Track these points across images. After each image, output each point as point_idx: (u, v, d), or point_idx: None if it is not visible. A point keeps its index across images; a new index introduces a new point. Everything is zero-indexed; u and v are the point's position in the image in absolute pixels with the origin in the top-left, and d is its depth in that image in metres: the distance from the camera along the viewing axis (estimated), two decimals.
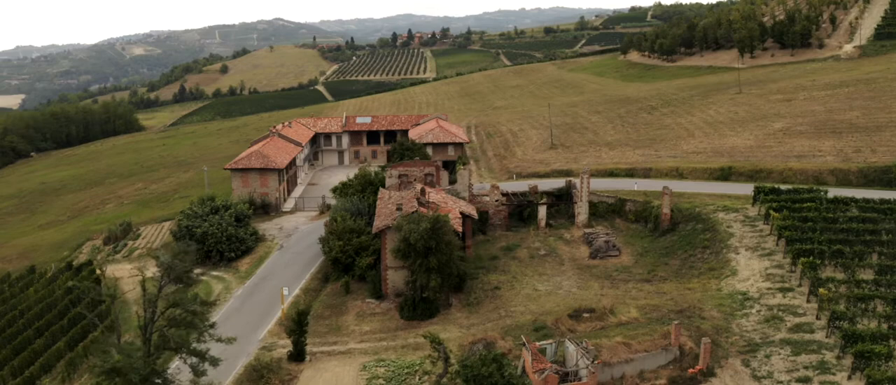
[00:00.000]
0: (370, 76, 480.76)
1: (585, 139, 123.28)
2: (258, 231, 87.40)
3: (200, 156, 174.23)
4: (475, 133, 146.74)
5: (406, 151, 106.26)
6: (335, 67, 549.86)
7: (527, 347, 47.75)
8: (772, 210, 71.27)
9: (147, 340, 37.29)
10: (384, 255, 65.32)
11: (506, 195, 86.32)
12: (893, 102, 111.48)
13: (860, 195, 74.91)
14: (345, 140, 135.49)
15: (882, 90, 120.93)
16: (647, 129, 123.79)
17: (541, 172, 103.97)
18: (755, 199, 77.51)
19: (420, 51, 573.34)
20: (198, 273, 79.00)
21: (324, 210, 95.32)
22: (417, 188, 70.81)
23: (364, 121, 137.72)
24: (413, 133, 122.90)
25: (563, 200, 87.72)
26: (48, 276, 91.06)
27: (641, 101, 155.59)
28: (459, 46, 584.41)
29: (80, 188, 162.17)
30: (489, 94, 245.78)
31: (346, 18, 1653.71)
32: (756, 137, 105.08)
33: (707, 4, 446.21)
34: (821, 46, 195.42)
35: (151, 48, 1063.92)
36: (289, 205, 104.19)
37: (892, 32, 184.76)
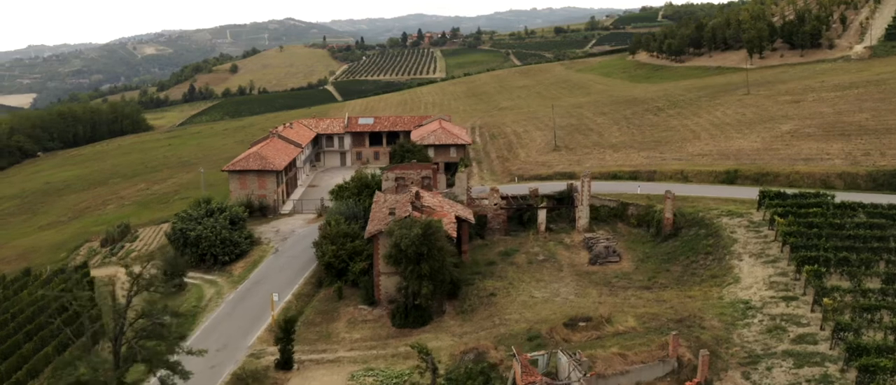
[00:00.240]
0: (380, 76, 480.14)
1: (590, 141, 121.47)
2: (253, 234, 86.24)
3: (204, 156, 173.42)
4: (479, 134, 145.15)
5: (406, 153, 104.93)
6: (345, 67, 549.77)
7: (517, 359, 46.14)
8: (776, 215, 69.30)
9: (116, 352, 35.95)
10: (377, 261, 63.91)
11: (506, 198, 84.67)
12: None
13: (868, 200, 72.89)
14: (347, 141, 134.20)
15: (892, 91, 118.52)
16: (653, 131, 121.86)
17: (543, 175, 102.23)
18: (760, 204, 75.52)
19: (430, 51, 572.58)
20: (190, 277, 78.60)
21: (321, 212, 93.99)
22: (412, 192, 69.26)
23: (366, 122, 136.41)
24: (415, 134, 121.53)
25: (565, 204, 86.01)
26: (42, 279, 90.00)
27: (648, 102, 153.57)
28: (469, 46, 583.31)
29: (83, 188, 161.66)
30: (495, 95, 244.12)
31: (358, 18, 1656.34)
32: (763, 140, 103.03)
33: (718, 4, 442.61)
34: (831, 47, 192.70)
35: (163, 48, 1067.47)
36: (287, 207, 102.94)
37: None
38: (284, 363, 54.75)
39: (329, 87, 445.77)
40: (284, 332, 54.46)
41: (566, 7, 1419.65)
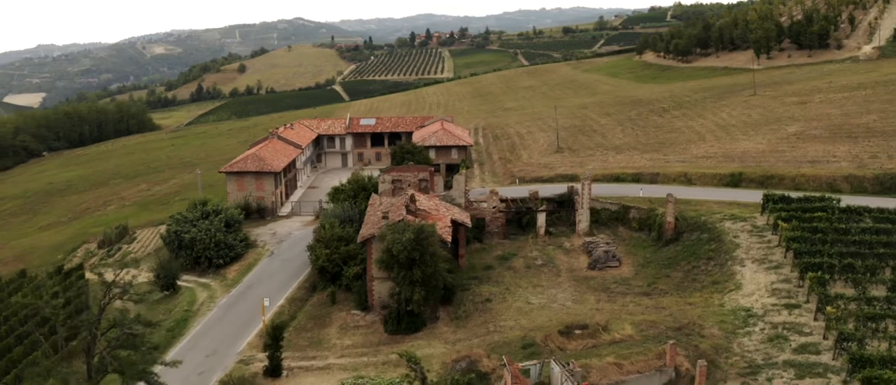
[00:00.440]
0: (387, 76, 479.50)
1: (593, 142, 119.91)
2: (249, 237, 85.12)
3: (206, 157, 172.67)
4: (482, 135, 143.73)
5: (406, 154, 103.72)
6: (353, 67, 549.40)
7: (507, 369, 44.79)
8: (780, 220, 67.64)
9: (89, 364, 34.80)
10: (370, 266, 62.66)
11: (505, 201, 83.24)
12: None
13: (875, 204, 71.04)
14: (348, 142, 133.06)
15: None
16: (657, 133, 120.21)
17: (544, 177, 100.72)
18: (764, 208, 73.88)
19: (438, 51, 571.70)
20: (184, 280, 77.56)
21: (319, 215, 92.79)
22: (408, 195, 67.95)
23: (368, 122, 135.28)
24: (416, 136, 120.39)
25: (565, 207, 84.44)
26: (37, 281, 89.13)
27: (653, 103, 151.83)
28: (478, 46, 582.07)
29: (85, 189, 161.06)
30: (501, 95, 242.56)
31: (367, 18, 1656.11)
32: (769, 142, 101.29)
33: (726, 4, 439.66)
34: (839, 47, 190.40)
35: (172, 47, 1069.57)
36: (285, 209, 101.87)
37: None
38: (273, 370, 53.60)
39: (337, 87, 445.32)
40: (273, 339, 53.33)
41: (575, 7, 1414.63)
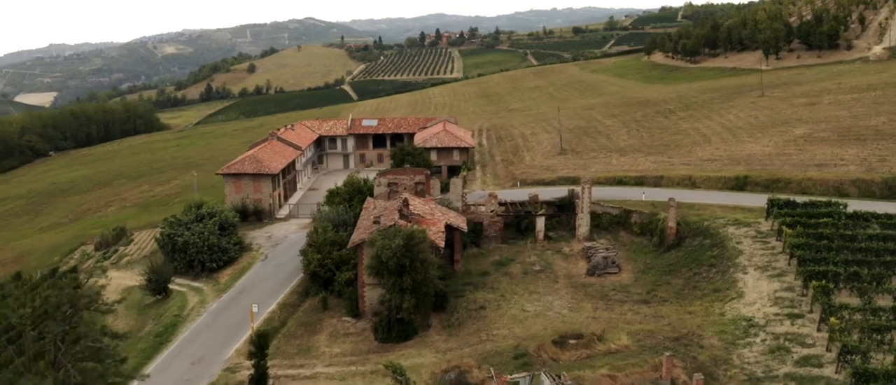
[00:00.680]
0: (397, 76, 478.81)
1: (597, 144, 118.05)
2: (244, 240, 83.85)
3: (210, 157, 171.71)
4: (486, 136, 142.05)
5: (407, 156, 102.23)
6: (362, 67, 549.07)
7: (495, 382, 43.25)
8: (785, 225, 65.70)
9: (55, 377, 33.56)
10: (361, 272, 61.22)
11: (504, 204, 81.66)
12: None
13: (882, 209, 69.04)
14: (350, 143, 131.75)
15: None
16: (663, 135, 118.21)
17: (546, 180, 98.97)
18: (769, 213, 71.92)
19: (448, 51, 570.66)
20: (177, 284, 76.36)
21: (317, 217, 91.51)
22: (401, 198, 66.44)
23: (370, 123, 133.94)
24: (418, 137, 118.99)
25: (566, 211, 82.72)
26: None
27: (660, 104, 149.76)
28: (487, 46, 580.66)
29: (88, 189, 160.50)
30: (506, 96, 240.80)
31: (378, 18, 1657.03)
32: (775, 144, 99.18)
33: (737, 4, 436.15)
34: (849, 48, 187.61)
35: (183, 47, 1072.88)
36: (284, 211, 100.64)
37: None
38: (258, 379, 51.97)
39: (346, 87, 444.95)
40: (258, 347, 51.78)
41: (586, 7, 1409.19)
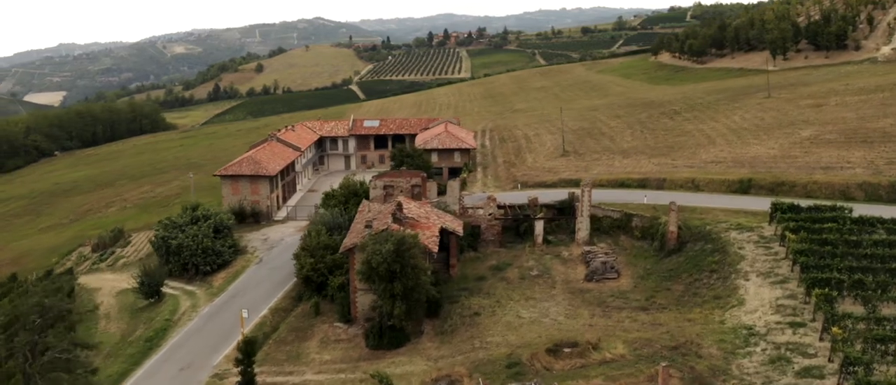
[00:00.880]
0: (404, 76, 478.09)
1: (600, 146, 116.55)
2: (239, 243, 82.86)
3: (213, 157, 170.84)
4: (489, 137, 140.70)
5: (406, 158, 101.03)
6: (370, 67, 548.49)
7: None
8: (788, 230, 64.11)
9: None
10: (353, 277, 59.97)
11: (503, 207, 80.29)
12: None
13: (889, 214, 67.12)
14: (351, 144, 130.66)
15: None
16: (667, 136, 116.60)
17: (548, 182, 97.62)
18: (772, 217, 70.31)
19: (456, 51, 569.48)
20: (171, 287, 75.39)
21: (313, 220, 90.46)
22: (395, 202, 65.19)
23: (371, 124, 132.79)
24: (419, 138, 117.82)
25: (565, 214, 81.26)
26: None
27: (665, 106, 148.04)
28: (495, 46, 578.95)
29: (90, 190, 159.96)
30: (512, 96, 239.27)
31: (387, 18, 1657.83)
32: (781, 146, 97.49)
33: (747, 4, 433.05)
34: (857, 48, 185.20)
35: (192, 47, 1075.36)
36: (281, 213, 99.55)
37: None
38: None
39: (353, 87, 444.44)
40: (245, 355, 50.56)
41: (596, 7, 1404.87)
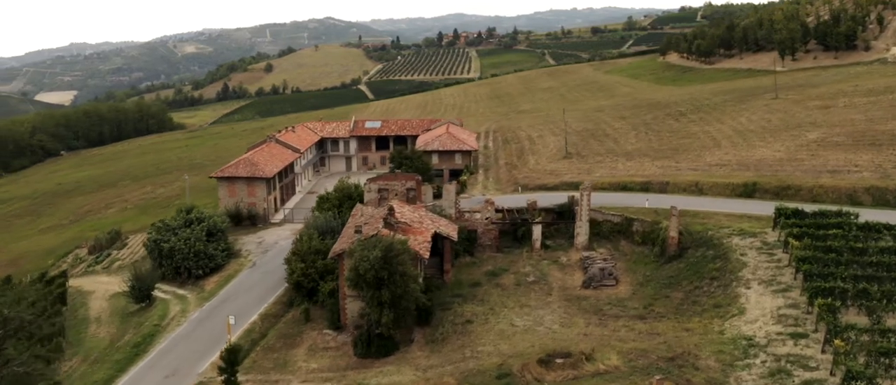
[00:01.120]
0: (413, 76, 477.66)
1: (604, 148, 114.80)
2: (233, 246, 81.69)
3: (216, 158, 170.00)
4: (492, 139, 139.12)
5: (405, 160, 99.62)
6: (379, 67, 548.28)
7: None
8: (792, 236, 62.21)
9: None
10: (342, 283, 58.56)
11: (501, 211, 78.73)
12: None
13: None
14: (352, 145, 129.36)
15: None
16: (671, 138, 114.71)
17: (549, 184, 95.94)
18: (776, 223, 68.38)
19: (465, 51, 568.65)
20: (163, 290, 74.29)
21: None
22: (387, 206, 63.75)
23: (373, 125, 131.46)
24: (420, 140, 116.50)
25: (565, 218, 79.63)
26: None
27: (671, 107, 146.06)
28: (505, 46, 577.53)
29: (93, 190, 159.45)
30: (517, 97, 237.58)
31: (397, 18, 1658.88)
32: (787, 149, 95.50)
33: (756, 4, 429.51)
34: (867, 48, 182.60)
35: (203, 46, 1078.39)
36: (278, 216, 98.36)
37: None
38: None
39: (362, 87, 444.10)
40: (228, 363, 49.36)
41: (607, 7, 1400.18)
